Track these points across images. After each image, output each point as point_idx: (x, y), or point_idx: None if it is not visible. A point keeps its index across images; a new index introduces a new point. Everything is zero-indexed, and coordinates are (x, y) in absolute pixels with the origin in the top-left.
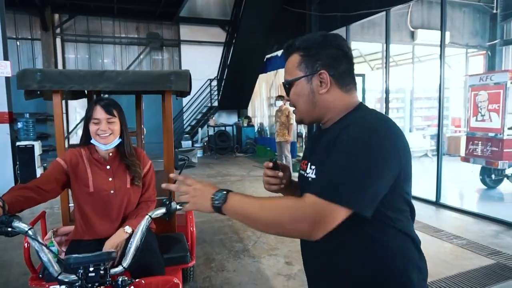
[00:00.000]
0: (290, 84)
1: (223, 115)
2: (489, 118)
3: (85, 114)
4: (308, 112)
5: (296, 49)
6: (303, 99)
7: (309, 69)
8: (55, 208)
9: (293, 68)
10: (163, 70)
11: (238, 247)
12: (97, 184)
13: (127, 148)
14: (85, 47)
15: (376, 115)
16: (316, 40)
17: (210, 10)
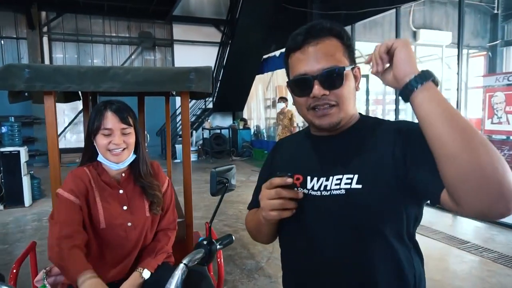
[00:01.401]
0: (341, 73)
1: (217, 117)
2: (506, 120)
3: (90, 123)
4: (350, 112)
5: (335, 34)
6: (353, 94)
7: (351, 60)
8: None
9: (339, 53)
10: (181, 67)
11: (251, 265)
12: (110, 216)
13: (143, 166)
14: (73, 46)
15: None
16: (345, 29)
17: (204, 9)
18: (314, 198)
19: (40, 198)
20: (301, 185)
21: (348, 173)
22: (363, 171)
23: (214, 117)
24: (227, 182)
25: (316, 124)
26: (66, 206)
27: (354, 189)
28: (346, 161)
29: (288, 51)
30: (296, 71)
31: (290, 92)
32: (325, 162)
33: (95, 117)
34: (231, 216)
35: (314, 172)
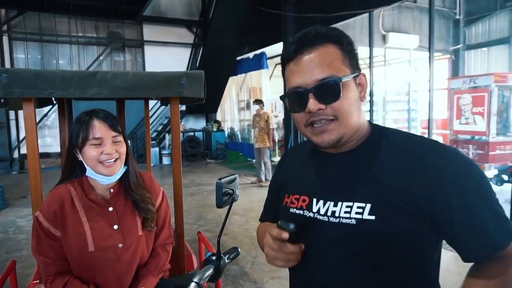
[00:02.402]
0: (337, 84)
1: (190, 119)
2: (473, 121)
3: (73, 136)
4: (355, 127)
5: (332, 40)
6: (355, 107)
7: (354, 68)
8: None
9: (337, 61)
10: (172, 71)
11: (235, 271)
12: (99, 238)
13: (133, 178)
14: (36, 46)
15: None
16: (345, 34)
17: (176, 9)
18: (321, 223)
19: (4, 208)
20: (307, 207)
21: (358, 200)
22: (377, 200)
23: (187, 120)
24: (233, 192)
25: (314, 141)
26: (47, 240)
27: (366, 220)
28: (357, 186)
29: (282, 61)
30: (291, 84)
31: (287, 106)
32: (333, 184)
33: (80, 128)
34: (211, 221)
35: (321, 194)
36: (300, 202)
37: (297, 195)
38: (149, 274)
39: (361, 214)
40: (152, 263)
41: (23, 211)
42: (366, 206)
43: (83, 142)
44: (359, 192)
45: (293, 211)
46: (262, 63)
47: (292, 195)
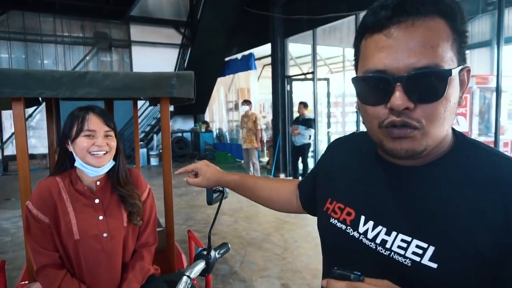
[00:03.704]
0: (443, 79)
1: (178, 120)
2: (456, 121)
3: (67, 128)
4: (441, 137)
5: (444, 12)
6: (452, 112)
7: (461, 57)
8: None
9: (445, 46)
10: (162, 72)
11: (224, 270)
12: (85, 227)
13: (122, 173)
14: (20, 46)
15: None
16: (460, 5)
17: (163, 10)
18: (367, 249)
19: None
20: (351, 223)
21: (420, 238)
22: (446, 243)
23: (175, 120)
24: (223, 190)
25: (388, 148)
26: (37, 225)
27: (424, 267)
28: (422, 217)
29: (362, 29)
30: (371, 63)
31: (356, 93)
32: (391, 206)
33: (74, 121)
34: (200, 221)
35: (372, 213)
36: (344, 214)
37: (341, 204)
38: (134, 280)
39: (420, 257)
40: (137, 268)
41: (8, 213)
42: (428, 248)
43: (77, 133)
44: (424, 227)
45: (334, 222)
46: (250, 64)
47: (336, 202)
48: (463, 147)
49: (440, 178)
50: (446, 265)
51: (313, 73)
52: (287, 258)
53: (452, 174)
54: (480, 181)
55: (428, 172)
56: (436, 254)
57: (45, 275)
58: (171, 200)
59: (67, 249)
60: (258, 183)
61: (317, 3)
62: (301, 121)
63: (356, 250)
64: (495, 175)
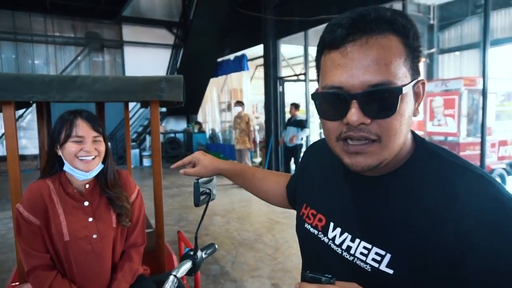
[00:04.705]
0: (396, 96)
1: (171, 121)
2: (445, 122)
3: (56, 133)
4: (397, 148)
5: (397, 30)
6: (407, 125)
7: (415, 72)
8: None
9: (398, 62)
10: (152, 76)
11: (215, 270)
12: (74, 229)
13: (111, 176)
14: (10, 46)
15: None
16: (412, 23)
17: (155, 10)
18: (335, 254)
19: None
20: (322, 229)
21: (379, 245)
22: (401, 250)
23: (168, 121)
24: (210, 192)
25: (345, 162)
26: (27, 227)
27: (382, 273)
28: (381, 225)
29: (321, 46)
30: (328, 80)
31: (316, 108)
32: (354, 214)
33: (63, 126)
34: (192, 222)
35: (339, 220)
36: (316, 220)
37: (314, 211)
38: (123, 280)
39: (379, 263)
40: (126, 269)
41: None
42: (385, 256)
43: (65, 138)
44: (382, 235)
45: (307, 228)
46: (242, 65)
47: (310, 208)
48: (422, 156)
49: (399, 187)
50: (401, 271)
51: (305, 74)
52: (278, 259)
53: (410, 183)
54: (435, 191)
55: (388, 182)
56: (392, 260)
57: (36, 276)
58: (161, 201)
59: (57, 250)
60: (256, 175)
61: (309, 5)
62: (293, 122)
63: (327, 254)
64: (450, 185)
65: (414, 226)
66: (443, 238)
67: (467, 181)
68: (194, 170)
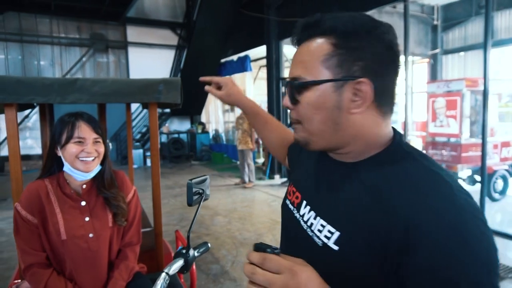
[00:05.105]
0: (302, 86)
1: (175, 121)
2: (447, 123)
3: (57, 134)
4: (323, 135)
5: (326, 32)
6: (322, 115)
7: (344, 70)
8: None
9: (315, 60)
10: (149, 78)
11: (216, 269)
12: (71, 228)
13: (107, 177)
14: (17, 47)
15: (452, 178)
16: (364, 25)
17: (159, 11)
18: (302, 230)
19: None
20: (297, 206)
21: (332, 224)
22: (349, 231)
23: (171, 121)
24: (202, 192)
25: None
26: (25, 225)
27: (329, 248)
28: (337, 206)
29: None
30: None
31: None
32: (321, 194)
33: (65, 128)
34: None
35: (309, 199)
36: (294, 197)
37: (294, 188)
38: (119, 278)
39: (328, 240)
40: (122, 267)
41: (4, 214)
42: (334, 233)
43: (67, 139)
44: (337, 215)
45: (287, 202)
46: (246, 65)
47: (292, 186)
48: (393, 153)
49: (361, 176)
50: (345, 249)
51: None
52: None
53: (373, 174)
54: (394, 186)
55: (353, 169)
56: (339, 238)
57: (32, 274)
58: (159, 201)
59: (54, 249)
60: (268, 122)
61: (311, 6)
62: None
63: (297, 230)
64: (409, 183)
65: (367, 213)
66: (393, 229)
67: (427, 181)
68: (218, 92)
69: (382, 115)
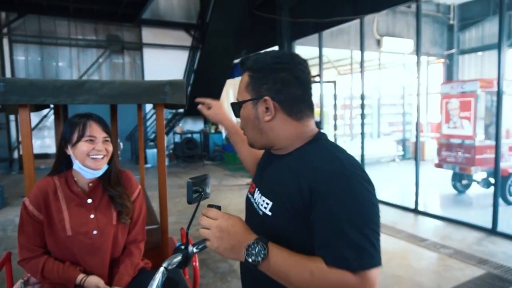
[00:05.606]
0: (238, 105)
1: (188, 121)
2: (461, 125)
3: (67, 133)
4: (255, 138)
5: (247, 68)
6: (250, 124)
7: (255, 93)
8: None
9: (242, 88)
10: (156, 80)
11: (224, 268)
12: (77, 224)
13: (113, 176)
14: (37, 48)
15: (348, 156)
16: (267, 61)
17: (174, 13)
18: (254, 209)
19: (3, 207)
20: (252, 193)
21: (268, 197)
22: (277, 201)
23: (185, 121)
24: (202, 191)
25: None
26: (29, 221)
27: (266, 215)
28: (273, 186)
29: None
30: None
31: None
32: (265, 179)
33: (76, 127)
34: None
35: (259, 185)
36: (251, 187)
37: (253, 183)
38: (125, 273)
39: (266, 209)
40: (127, 263)
41: None
42: (269, 204)
43: (78, 138)
44: (270, 191)
45: (247, 194)
46: None
47: (252, 182)
48: (310, 146)
49: (286, 162)
50: (276, 213)
51: (320, 76)
52: None
53: (293, 161)
54: (305, 165)
55: (281, 159)
56: (272, 207)
57: (29, 266)
58: (165, 199)
59: (60, 244)
60: (244, 142)
61: (323, 7)
62: None
63: (251, 208)
64: (316, 165)
65: (287, 185)
66: (303, 193)
67: (325, 159)
68: (208, 111)
69: (297, 120)
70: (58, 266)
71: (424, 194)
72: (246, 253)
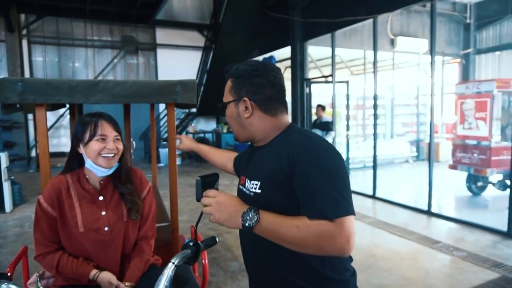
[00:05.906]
0: (224, 106)
1: (201, 121)
2: (476, 126)
3: (80, 132)
4: (239, 132)
5: (230, 75)
6: (233, 121)
7: (236, 95)
8: None
9: (226, 92)
10: (167, 80)
11: (234, 267)
12: (88, 221)
13: (123, 174)
14: (54, 49)
15: (316, 135)
16: (245, 70)
17: (187, 13)
18: (246, 195)
19: (21, 204)
20: (243, 184)
21: (256, 179)
22: (263, 179)
23: (197, 121)
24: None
25: None
26: (44, 217)
27: (256, 193)
28: (257, 169)
29: None
30: None
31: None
32: (251, 167)
33: (87, 127)
34: None
35: (248, 174)
36: (241, 180)
37: (242, 175)
38: (135, 268)
39: (255, 189)
40: (137, 259)
41: None
42: (258, 183)
43: (90, 137)
44: (257, 174)
45: (239, 186)
46: None
47: (241, 175)
48: (285, 133)
49: (269, 149)
50: (264, 190)
51: (332, 76)
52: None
53: (274, 146)
54: (284, 146)
55: (264, 148)
56: (260, 185)
57: (45, 261)
58: (176, 198)
59: (73, 240)
60: (210, 151)
61: (336, 7)
62: (318, 124)
63: (244, 196)
64: (291, 143)
65: (271, 164)
66: (285, 168)
67: (300, 140)
68: (179, 146)
69: (271, 115)
70: (72, 261)
71: (437, 196)
72: (242, 220)
